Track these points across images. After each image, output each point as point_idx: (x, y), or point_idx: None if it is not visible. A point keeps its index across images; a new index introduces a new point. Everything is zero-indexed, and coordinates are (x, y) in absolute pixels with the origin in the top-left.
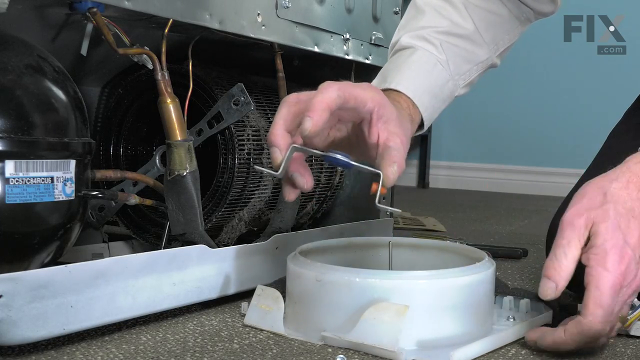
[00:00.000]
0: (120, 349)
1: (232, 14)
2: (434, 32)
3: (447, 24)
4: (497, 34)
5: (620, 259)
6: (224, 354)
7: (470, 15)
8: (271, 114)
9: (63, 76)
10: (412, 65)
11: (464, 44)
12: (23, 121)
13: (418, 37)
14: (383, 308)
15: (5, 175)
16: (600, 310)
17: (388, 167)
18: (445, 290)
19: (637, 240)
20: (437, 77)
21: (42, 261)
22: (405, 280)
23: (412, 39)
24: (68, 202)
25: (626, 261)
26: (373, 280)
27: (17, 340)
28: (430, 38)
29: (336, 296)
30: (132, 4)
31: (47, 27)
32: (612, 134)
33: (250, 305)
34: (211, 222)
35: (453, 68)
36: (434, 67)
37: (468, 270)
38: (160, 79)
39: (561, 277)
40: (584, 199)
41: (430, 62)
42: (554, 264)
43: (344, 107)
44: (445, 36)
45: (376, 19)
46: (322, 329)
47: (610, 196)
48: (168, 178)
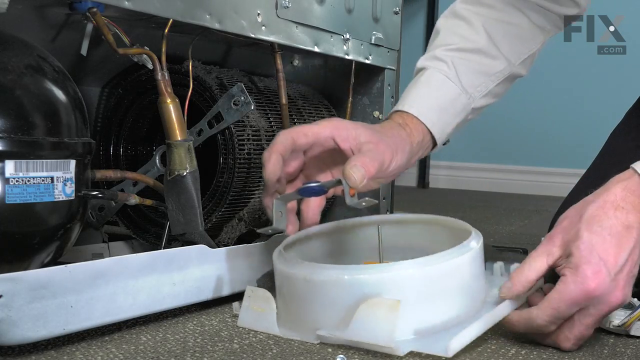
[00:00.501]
0: (120, 349)
1: (232, 14)
2: (445, 50)
3: (458, 40)
4: (516, 45)
5: (592, 276)
6: (224, 354)
7: (485, 29)
8: (271, 114)
9: (63, 76)
10: (420, 85)
11: (475, 58)
12: (23, 121)
13: (431, 57)
14: (375, 304)
15: (5, 175)
16: (550, 310)
17: (347, 169)
18: (435, 276)
19: (612, 258)
20: (446, 92)
21: (42, 261)
22: (394, 273)
23: (425, 60)
24: (68, 202)
25: (599, 279)
26: (362, 276)
27: (17, 340)
28: (441, 56)
29: (327, 295)
30: (132, 4)
31: (47, 27)
32: (613, 134)
33: (242, 307)
34: (211, 222)
35: (465, 81)
36: (443, 83)
37: (455, 252)
38: (160, 79)
39: (519, 282)
40: (563, 221)
41: (439, 79)
42: (518, 270)
43: (298, 145)
44: (457, 52)
45: (376, 19)
46: (317, 327)
47: (585, 217)
48: (168, 178)
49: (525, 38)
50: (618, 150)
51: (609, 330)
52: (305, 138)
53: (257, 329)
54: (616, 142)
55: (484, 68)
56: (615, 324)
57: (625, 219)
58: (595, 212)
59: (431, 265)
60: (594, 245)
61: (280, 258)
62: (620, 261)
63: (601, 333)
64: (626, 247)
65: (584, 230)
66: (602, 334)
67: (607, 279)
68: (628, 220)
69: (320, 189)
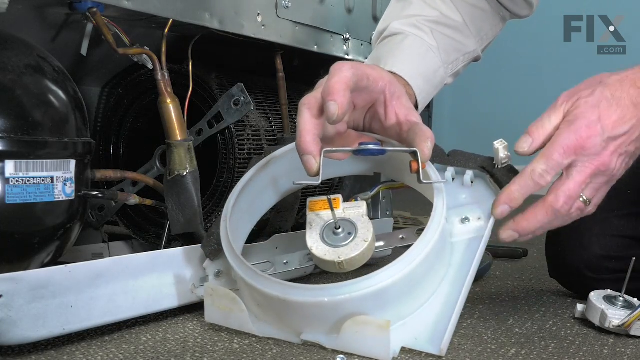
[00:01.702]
0: (120, 349)
1: (232, 14)
2: (425, 20)
3: (436, 14)
4: (482, 28)
5: (586, 128)
6: (224, 354)
7: (457, 8)
8: (271, 114)
9: (63, 76)
10: (405, 50)
11: (453, 34)
12: (23, 121)
13: (409, 24)
14: (362, 322)
15: (5, 175)
16: (545, 159)
17: (423, 143)
18: (413, 275)
19: (611, 123)
20: (430, 62)
21: (42, 261)
22: (374, 288)
23: (403, 26)
24: (68, 202)
25: (591, 133)
26: (342, 297)
27: (17, 340)
28: (421, 26)
29: (307, 313)
30: (132, 4)
31: (47, 27)
32: None
33: (206, 305)
34: (211, 222)
35: (444, 56)
36: (427, 52)
37: (422, 244)
38: (160, 79)
39: (539, 136)
40: (582, 84)
41: (423, 48)
42: (537, 125)
43: (359, 86)
44: (436, 25)
45: (376, 19)
46: (300, 332)
47: (604, 82)
48: (168, 178)
49: (490, 23)
50: None
51: (609, 330)
52: (367, 81)
53: (229, 326)
54: None
55: (459, 46)
56: (615, 324)
57: (637, 97)
58: (614, 83)
59: (407, 265)
60: (599, 106)
61: (245, 270)
62: (618, 130)
63: (601, 333)
64: (628, 121)
65: (598, 92)
66: (602, 334)
67: (599, 137)
68: (639, 99)
69: (380, 152)
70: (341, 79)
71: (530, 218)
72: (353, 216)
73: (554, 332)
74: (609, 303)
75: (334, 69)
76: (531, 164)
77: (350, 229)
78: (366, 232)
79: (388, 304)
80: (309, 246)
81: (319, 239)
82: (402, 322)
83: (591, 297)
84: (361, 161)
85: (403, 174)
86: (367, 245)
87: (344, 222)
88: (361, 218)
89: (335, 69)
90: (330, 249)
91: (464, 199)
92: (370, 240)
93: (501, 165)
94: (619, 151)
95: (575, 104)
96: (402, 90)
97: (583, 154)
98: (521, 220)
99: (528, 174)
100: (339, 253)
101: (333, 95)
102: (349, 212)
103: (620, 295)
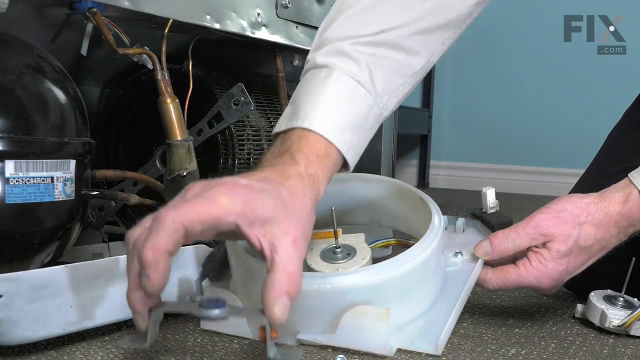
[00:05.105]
0: (120, 349)
1: (232, 14)
2: (354, 44)
3: (374, 29)
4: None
5: (554, 278)
6: (224, 354)
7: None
8: (271, 114)
9: (63, 76)
10: (328, 94)
11: (394, 55)
12: (23, 121)
13: (337, 52)
14: (361, 312)
15: (5, 175)
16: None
17: (272, 307)
18: (415, 271)
19: (575, 270)
20: (359, 104)
21: (42, 261)
22: (378, 277)
23: (329, 56)
24: (68, 202)
25: (555, 284)
26: (345, 285)
27: (17, 340)
28: (350, 52)
29: (307, 304)
30: (132, 4)
31: (47, 27)
32: (612, 134)
33: None
34: None
35: (381, 87)
36: (354, 93)
37: (426, 242)
38: (160, 79)
39: (497, 252)
40: (562, 212)
41: (349, 87)
42: (502, 238)
43: (192, 235)
44: (372, 48)
45: None
46: (296, 332)
47: (579, 232)
48: (168, 178)
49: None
50: (617, 150)
51: (609, 330)
52: (201, 225)
53: (225, 331)
54: (615, 142)
55: (402, 68)
56: (615, 324)
57: (608, 240)
58: (589, 231)
59: (410, 261)
60: (568, 256)
61: (242, 258)
62: (578, 271)
63: (601, 333)
64: (589, 262)
65: (572, 241)
66: (602, 334)
67: (560, 283)
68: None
69: (223, 316)
70: (156, 246)
71: None
72: (352, 243)
73: (554, 332)
74: (609, 303)
75: (154, 223)
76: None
77: (349, 251)
78: (365, 252)
79: (387, 303)
80: (308, 264)
81: (318, 259)
82: (399, 328)
83: (591, 297)
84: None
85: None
86: (365, 263)
87: (344, 246)
88: (360, 244)
89: (154, 224)
90: (329, 264)
91: (457, 242)
92: (368, 259)
93: (489, 210)
94: None
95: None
96: (264, 211)
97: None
98: None
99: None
100: (337, 267)
101: (146, 269)
102: (348, 240)
103: (620, 295)
